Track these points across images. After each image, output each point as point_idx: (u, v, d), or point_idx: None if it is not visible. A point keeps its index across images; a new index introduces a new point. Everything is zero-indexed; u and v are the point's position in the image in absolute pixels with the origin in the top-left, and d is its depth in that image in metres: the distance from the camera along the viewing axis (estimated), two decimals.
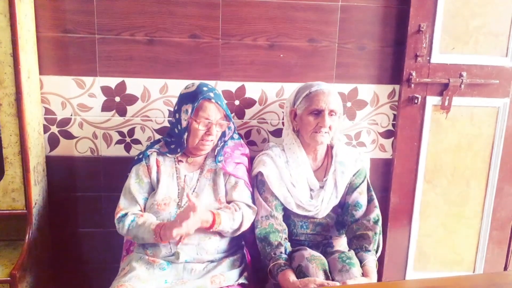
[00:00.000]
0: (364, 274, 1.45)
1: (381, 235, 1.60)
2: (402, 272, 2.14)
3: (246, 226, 1.55)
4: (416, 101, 1.93)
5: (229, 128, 1.65)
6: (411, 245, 2.10)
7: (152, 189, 1.58)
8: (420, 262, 2.15)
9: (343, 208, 1.65)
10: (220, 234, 1.53)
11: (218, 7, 1.78)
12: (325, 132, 1.57)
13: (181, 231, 1.36)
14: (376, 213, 1.61)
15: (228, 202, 1.58)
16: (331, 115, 1.57)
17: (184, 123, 1.54)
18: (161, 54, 1.79)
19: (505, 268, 2.19)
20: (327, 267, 1.44)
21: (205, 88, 1.54)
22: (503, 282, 1.36)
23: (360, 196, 1.62)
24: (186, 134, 1.55)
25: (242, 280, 1.49)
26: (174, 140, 1.62)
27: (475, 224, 2.13)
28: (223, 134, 1.64)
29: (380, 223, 1.61)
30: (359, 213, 1.60)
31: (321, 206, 1.59)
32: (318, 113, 1.57)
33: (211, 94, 1.53)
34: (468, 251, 2.16)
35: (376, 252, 1.56)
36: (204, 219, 1.43)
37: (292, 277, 1.41)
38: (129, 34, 1.76)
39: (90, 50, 1.76)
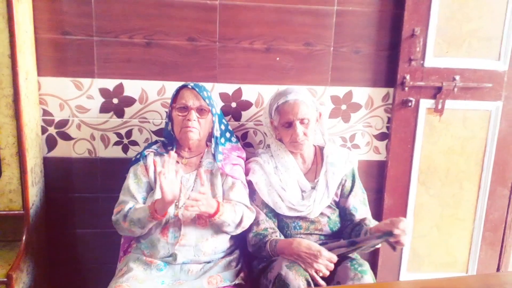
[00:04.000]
0: (375, 227, 1.48)
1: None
2: (396, 273, 2.16)
3: (246, 223, 1.57)
4: (410, 104, 1.96)
5: (220, 123, 1.67)
6: (405, 247, 2.12)
7: (151, 188, 1.60)
8: (413, 263, 2.16)
9: (340, 213, 1.68)
10: (217, 235, 1.55)
11: (215, 10, 1.80)
12: (302, 140, 1.60)
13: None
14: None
15: None
16: (303, 123, 1.60)
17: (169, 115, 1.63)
18: (159, 57, 1.81)
19: (498, 269, 2.21)
20: (308, 276, 1.42)
21: (189, 82, 1.62)
22: (496, 283, 1.37)
23: (355, 199, 1.67)
24: (170, 124, 1.62)
25: (238, 281, 1.50)
26: (167, 137, 1.67)
27: (468, 226, 2.16)
28: (213, 135, 1.65)
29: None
30: (357, 216, 1.64)
31: (313, 206, 1.62)
32: (289, 125, 1.60)
33: (191, 84, 1.60)
34: (461, 252, 2.18)
35: None
36: (210, 204, 1.44)
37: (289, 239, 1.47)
38: (127, 37, 1.78)
39: (88, 52, 1.77)
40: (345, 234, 1.66)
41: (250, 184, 1.66)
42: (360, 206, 1.66)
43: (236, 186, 1.61)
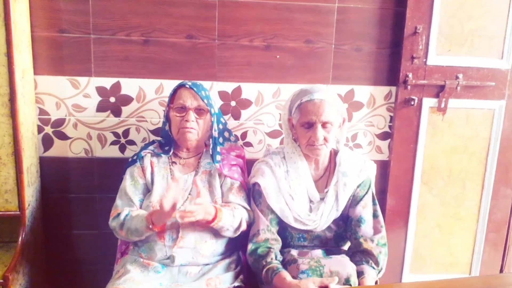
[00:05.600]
0: (360, 284, 1.40)
1: (386, 257, 1.51)
2: (399, 274, 2.14)
3: (244, 226, 1.53)
4: (412, 103, 1.94)
5: (218, 122, 1.65)
6: (408, 247, 2.10)
7: (148, 190, 1.57)
8: (416, 264, 2.15)
9: (345, 222, 1.56)
10: (216, 237, 1.52)
11: (214, 7, 1.78)
12: (320, 145, 1.47)
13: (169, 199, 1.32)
14: (382, 235, 1.52)
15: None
16: (325, 126, 1.46)
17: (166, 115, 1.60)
18: (157, 55, 1.79)
19: (501, 270, 2.20)
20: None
21: (187, 81, 1.59)
22: (499, 284, 1.36)
23: (364, 210, 1.52)
24: (167, 124, 1.60)
25: (237, 283, 1.48)
26: (164, 138, 1.64)
27: (471, 226, 2.13)
28: (212, 135, 1.62)
29: (386, 247, 1.52)
30: (362, 229, 1.51)
31: (320, 221, 1.51)
32: (310, 125, 1.47)
33: (188, 83, 1.57)
34: (464, 253, 2.16)
35: (379, 272, 1.50)
36: (208, 211, 1.42)
37: (288, 277, 1.37)
38: (124, 34, 1.76)
39: (85, 50, 1.75)
40: (348, 252, 1.57)
41: (257, 186, 1.56)
42: (369, 218, 1.52)
43: (235, 188, 1.58)
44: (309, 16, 1.83)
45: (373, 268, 1.48)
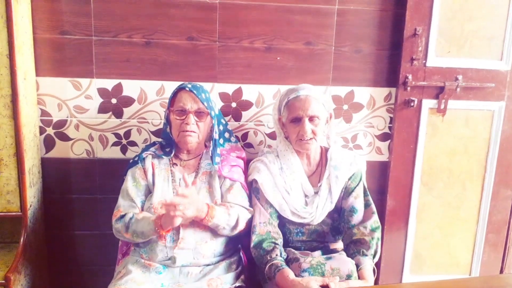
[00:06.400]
0: (360, 277, 1.43)
1: (379, 242, 1.55)
2: (399, 275, 2.14)
3: (242, 224, 1.54)
4: (412, 104, 1.94)
5: (219, 124, 1.65)
6: (408, 248, 2.10)
7: (149, 191, 1.58)
8: (416, 265, 2.15)
9: (339, 214, 1.63)
10: (217, 237, 1.53)
11: (215, 9, 1.78)
12: (310, 139, 1.54)
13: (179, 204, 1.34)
14: (374, 219, 1.57)
15: None
16: (312, 120, 1.54)
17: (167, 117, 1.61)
18: (158, 56, 1.79)
19: (501, 271, 2.20)
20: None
21: (187, 84, 1.59)
22: (499, 285, 1.36)
23: (356, 201, 1.59)
24: (168, 127, 1.61)
25: (238, 283, 1.49)
26: (165, 139, 1.65)
27: (471, 227, 2.14)
28: (212, 137, 1.62)
29: (379, 230, 1.56)
30: (355, 218, 1.57)
31: (316, 213, 1.56)
32: (298, 121, 1.54)
33: (188, 85, 1.57)
34: (464, 254, 2.16)
35: (374, 257, 1.53)
36: (200, 208, 1.42)
37: (291, 275, 1.39)
38: (126, 36, 1.76)
39: (87, 52, 1.76)
40: (343, 242, 1.61)
41: (254, 182, 1.61)
42: (360, 208, 1.58)
43: (234, 188, 1.59)
44: (310, 18, 1.84)
45: (366, 255, 1.51)
